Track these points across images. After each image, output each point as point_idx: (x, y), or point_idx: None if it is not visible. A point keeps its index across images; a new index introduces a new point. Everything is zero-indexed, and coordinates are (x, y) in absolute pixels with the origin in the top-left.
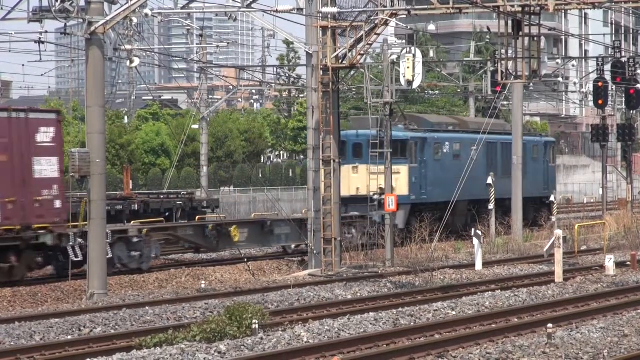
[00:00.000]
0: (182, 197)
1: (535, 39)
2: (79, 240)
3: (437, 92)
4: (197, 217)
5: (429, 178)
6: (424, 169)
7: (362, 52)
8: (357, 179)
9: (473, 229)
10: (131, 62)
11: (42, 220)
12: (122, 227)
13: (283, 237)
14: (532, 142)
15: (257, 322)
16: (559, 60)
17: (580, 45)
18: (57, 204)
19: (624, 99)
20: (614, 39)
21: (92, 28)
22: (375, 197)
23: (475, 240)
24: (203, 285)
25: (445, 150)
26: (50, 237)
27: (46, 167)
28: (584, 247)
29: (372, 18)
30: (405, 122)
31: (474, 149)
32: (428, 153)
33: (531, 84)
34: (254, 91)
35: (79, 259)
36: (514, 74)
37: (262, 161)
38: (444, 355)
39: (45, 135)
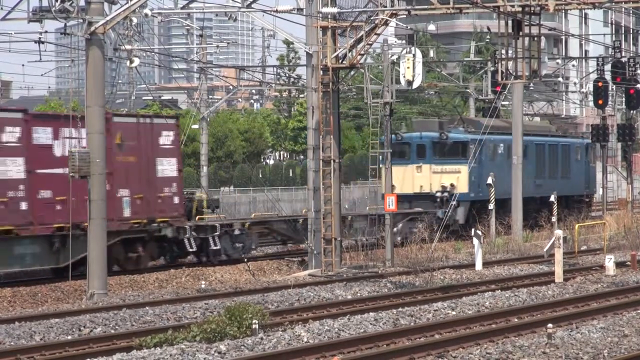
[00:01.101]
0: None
1: (535, 39)
2: (193, 233)
3: (437, 91)
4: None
5: (485, 177)
6: (481, 169)
7: (362, 52)
8: (420, 178)
9: (473, 229)
10: (131, 62)
11: (163, 214)
12: (228, 221)
13: (359, 231)
14: (575, 144)
15: (257, 322)
16: (559, 60)
17: (580, 45)
18: (176, 200)
19: (624, 99)
20: (614, 39)
21: (92, 28)
22: (438, 194)
23: (475, 241)
24: (203, 286)
25: (499, 151)
26: (170, 229)
27: (167, 167)
28: (584, 247)
29: (372, 18)
30: (464, 125)
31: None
32: (485, 154)
33: (531, 84)
34: (254, 91)
35: (194, 249)
36: (514, 74)
37: (262, 161)
38: (444, 355)
39: (166, 139)
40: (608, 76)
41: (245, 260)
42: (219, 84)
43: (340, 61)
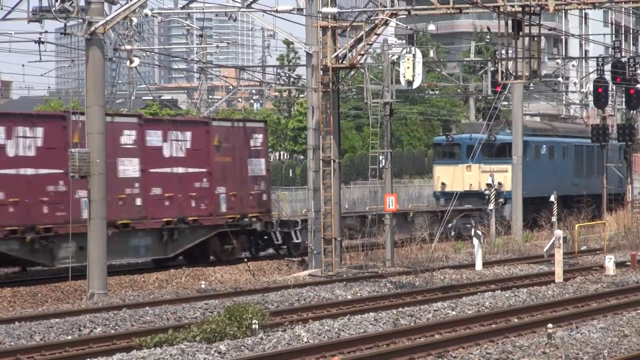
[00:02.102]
0: None
1: (535, 39)
2: (278, 227)
3: (437, 92)
4: None
5: (529, 176)
6: (525, 168)
7: (362, 52)
8: (470, 176)
9: (473, 230)
10: (131, 62)
11: (254, 210)
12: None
13: (418, 226)
14: (617, 146)
15: (257, 322)
16: (559, 60)
17: (580, 45)
18: (264, 197)
19: (624, 99)
20: (614, 39)
21: (92, 28)
22: (487, 192)
23: (475, 241)
24: (203, 286)
25: (542, 152)
26: (259, 224)
27: (257, 167)
28: (584, 247)
29: (372, 18)
30: (509, 127)
31: (564, 151)
32: (529, 154)
33: (531, 84)
34: (254, 91)
35: (279, 242)
36: (514, 74)
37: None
38: (444, 355)
39: (256, 141)
40: (608, 76)
41: (246, 260)
42: (219, 84)
43: (340, 61)
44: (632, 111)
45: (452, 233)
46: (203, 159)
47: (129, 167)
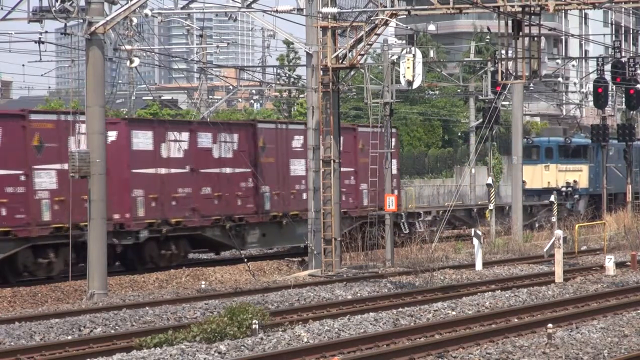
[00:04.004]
0: None
1: (535, 39)
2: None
3: (436, 92)
4: None
5: (601, 175)
6: (597, 168)
7: (362, 53)
8: (548, 175)
9: (473, 230)
10: (131, 62)
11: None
12: (427, 208)
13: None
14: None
15: (257, 322)
16: (559, 61)
17: (580, 45)
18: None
19: (624, 99)
20: (614, 39)
21: (92, 28)
22: (563, 189)
23: (475, 241)
24: (203, 286)
25: (611, 153)
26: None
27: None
28: (584, 247)
29: (372, 18)
30: (581, 131)
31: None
32: (601, 155)
33: (531, 84)
34: (254, 91)
35: (407, 231)
36: (514, 74)
37: None
38: (444, 355)
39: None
40: (608, 76)
41: (246, 260)
42: (219, 84)
43: (340, 61)
44: (632, 111)
45: (537, 225)
46: (350, 159)
47: (298, 167)
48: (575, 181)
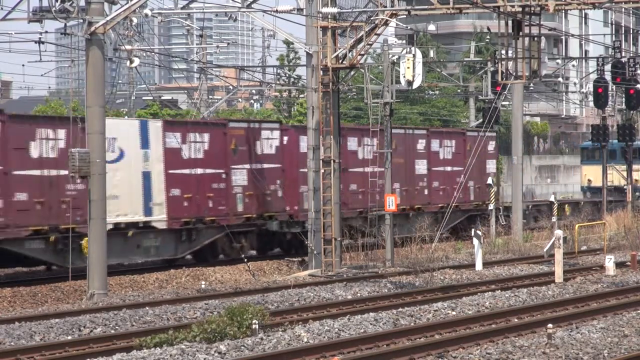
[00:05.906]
0: None
1: (536, 39)
2: (504, 212)
3: (436, 92)
4: None
5: None
6: None
7: (362, 53)
8: (611, 175)
9: (473, 230)
10: (131, 62)
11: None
12: (508, 203)
13: (584, 213)
14: None
15: (257, 322)
16: (559, 61)
17: (580, 45)
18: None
19: (624, 99)
20: (614, 39)
21: (92, 28)
22: (625, 187)
23: (475, 241)
24: (203, 286)
25: None
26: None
27: (421, 167)
28: (584, 247)
29: (372, 18)
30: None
31: None
32: None
33: (531, 84)
34: (254, 91)
35: (504, 223)
36: (514, 74)
37: None
38: (444, 355)
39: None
40: (608, 76)
41: (246, 260)
42: (219, 84)
43: (340, 61)
44: (632, 111)
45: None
46: (460, 159)
47: (421, 167)
48: (636, 180)
